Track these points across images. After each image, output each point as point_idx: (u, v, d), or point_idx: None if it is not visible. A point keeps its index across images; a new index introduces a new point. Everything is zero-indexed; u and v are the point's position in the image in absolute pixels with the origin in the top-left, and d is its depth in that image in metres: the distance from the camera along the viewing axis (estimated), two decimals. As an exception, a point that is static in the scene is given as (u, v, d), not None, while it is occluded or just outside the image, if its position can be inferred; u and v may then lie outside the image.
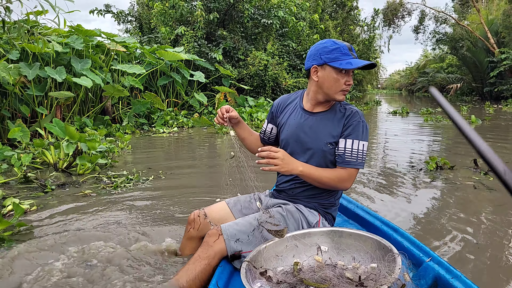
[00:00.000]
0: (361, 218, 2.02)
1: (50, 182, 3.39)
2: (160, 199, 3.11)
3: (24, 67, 5.46)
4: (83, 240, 2.21)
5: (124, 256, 1.91)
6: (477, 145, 0.50)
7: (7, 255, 2.00)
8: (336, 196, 1.77)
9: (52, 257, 2.00)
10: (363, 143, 1.63)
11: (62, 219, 2.64)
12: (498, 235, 2.37)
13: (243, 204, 1.87)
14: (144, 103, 8.15)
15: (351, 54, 1.62)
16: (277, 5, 12.70)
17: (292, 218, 1.67)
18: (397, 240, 1.66)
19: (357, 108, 1.71)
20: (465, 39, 23.25)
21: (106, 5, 15.32)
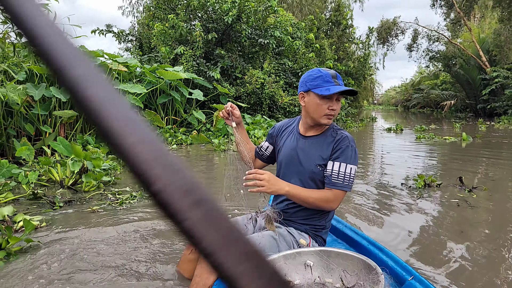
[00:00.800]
0: (349, 237, 2.09)
1: (58, 199, 3.57)
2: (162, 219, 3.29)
3: (30, 88, 5.70)
4: (90, 259, 2.40)
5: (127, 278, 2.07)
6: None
7: (10, 269, 2.19)
8: (327, 219, 1.82)
9: (58, 275, 2.17)
10: (351, 166, 1.68)
11: (71, 235, 2.82)
12: (479, 253, 2.52)
13: (241, 226, 1.95)
14: (144, 121, 8.36)
15: (333, 81, 1.71)
16: (273, 25, 13.11)
17: (284, 241, 1.72)
18: (382, 259, 1.74)
19: (348, 133, 1.78)
20: (458, 57, 23.78)
21: (107, 25, 15.73)
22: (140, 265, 2.28)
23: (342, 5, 28.63)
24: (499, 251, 2.54)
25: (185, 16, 12.48)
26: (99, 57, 7.93)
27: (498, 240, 2.74)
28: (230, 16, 11.66)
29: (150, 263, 2.31)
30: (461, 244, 2.68)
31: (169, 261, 2.35)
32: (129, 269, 2.22)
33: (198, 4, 12.23)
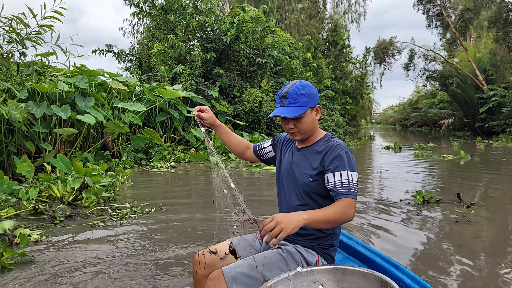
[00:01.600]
0: (362, 255, 2.02)
1: (59, 214, 3.64)
2: (163, 229, 3.37)
3: (32, 106, 5.80)
4: (89, 273, 2.42)
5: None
6: None
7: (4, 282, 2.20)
8: (333, 237, 1.76)
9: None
10: (351, 173, 1.61)
11: (70, 249, 2.87)
12: (480, 268, 2.53)
13: (246, 243, 1.88)
14: (143, 139, 8.44)
15: (280, 101, 1.72)
16: (271, 45, 13.38)
17: (293, 259, 1.68)
18: (398, 276, 1.67)
19: (340, 140, 1.73)
20: (455, 76, 24.10)
21: (108, 45, 15.99)
22: (139, 280, 2.29)
23: (339, 25, 29.26)
24: (499, 266, 2.56)
25: (184, 36, 12.73)
26: (100, 76, 8.05)
27: (498, 255, 2.77)
28: (228, 36, 11.91)
29: (149, 278, 2.32)
30: (460, 258, 2.72)
31: (170, 273, 2.36)
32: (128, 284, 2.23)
33: (197, 24, 12.51)
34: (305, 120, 1.70)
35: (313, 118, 1.74)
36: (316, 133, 1.79)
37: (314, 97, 1.72)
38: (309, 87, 1.71)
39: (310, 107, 1.70)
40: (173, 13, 13.20)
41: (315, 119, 1.75)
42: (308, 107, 1.69)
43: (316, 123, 1.76)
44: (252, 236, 1.91)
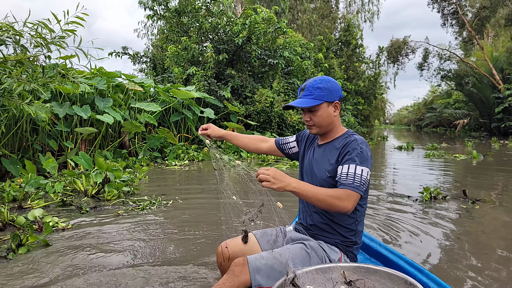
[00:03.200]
0: (384, 256, 1.98)
1: (85, 205, 3.98)
2: (182, 218, 3.69)
3: (56, 106, 6.14)
4: (115, 257, 2.68)
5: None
6: None
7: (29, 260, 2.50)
8: (356, 235, 1.76)
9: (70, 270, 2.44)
10: (361, 168, 1.60)
11: (97, 234, 3.18)
12: (486, 261, 2.64)
13: (270, 237, 1.91)
14: (158, 138, 8.74)
15: (300, 93, 1.77)
16: (282, 46, 13.56)
17: (316, 255, 1.69)
18: (422, 280, 1.62)
19: (359, 136, 1.73)
20: (470, 75, 23.78)
21: (123, 47, 16.43)
22: (164, 266, 2.53)
23: (351, 25, 29.19)
24: (500, 260, 2.71)
25: (197, 38, 13.02)
26: (117, 78, 8.39)
27: (498, 248, 2.91)
28: (240, 38, 12.15)
29: (174, 265, 2.55)
30: (466, 252, 2.85)
31: (191, 260, 2.58)
32: (152, 269, 2.47)
33: (210, 26, 12.78)
34: (319, 114, 1.72)
35: (330, 113, 1.74)
36: (337, 130, 1.80)
37: (332, 92, 1.72)
38: (328, 82, 1.73)
39: (326, 101, 1.71)
40: (186, 16, 13.50)
41: (332, 114, 1.75)
42: (323, 100, 1.70)
43: (334, 118, 1.76)
44: (275, 231, 1.95)
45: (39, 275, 2.31)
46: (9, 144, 6.11)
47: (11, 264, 2.50)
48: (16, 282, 2.21)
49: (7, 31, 4.66)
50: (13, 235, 2.78)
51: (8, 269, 2.41)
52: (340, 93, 1.76)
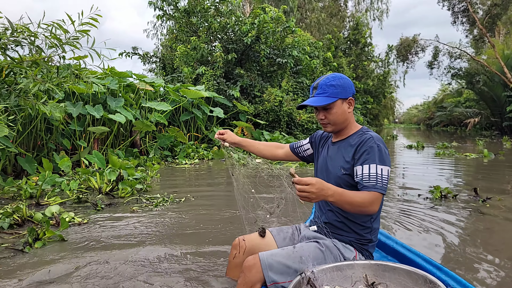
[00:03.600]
0: (401, 254, 1.95)
1: (100, 202, 4.10)
2: (194, 214, 3.79)
3: (69, 106, 6.27)
4: (130, 250, 2.75)
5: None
6: None
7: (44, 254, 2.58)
8: (371, 232, 1.74)
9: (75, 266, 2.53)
10: (381, 167, 1.57)
11: (114, 229, 3.28)
12: (498, 261, 2.62)
13: (286, 234, 1.92)
14: (168, 137, 8.84)
15: (312, 92, 1.76)
16: (291, 45, 13.59)
17: (331, 254, 1.67)
18: (441, 278, 1.58)
19: (375, 133, 1.70)
20: (481, 73, 23.51)
21: (133, 48, 16.64)
22: (177, 259, 2.60)
23: (360, 24, 29.06)
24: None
25: (206, 38, 13.12)
26: (129, 78, 8.51)
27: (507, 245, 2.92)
28: (249, 37, 12.21)
29: (186, 258, 2.62)
30: (478, 250, 2.87)
31: (206, 256, 2.65)
32: (164, 267, 2.54)
33: (219, 26, 12.87)
34: (334, 111, 1.71)
35: (344, 110, 1.73)
36: (351, 126, 1.78)
37: (346, 89, 1.71)
38: (341, 79, 1.71)
39: (340, 99, 1.70)
40: (195, 16, 13.62)
41: (347, 111, 1.74)
42: (337, 98, 1.69)
43: (348, 115, 1.75)
44: (291, 229, 1.95)
45: (53, 268, 2.39)
46: (24, 143, 6.26)
47: (26, 257, 2.60)
48: (30, 275, 2.28)
49: (22, 33, 4.78)
50: (30, 230, 2.87)
51: (23, 262, 2.50)
52: (353, 89, 1.75)
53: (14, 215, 3.33)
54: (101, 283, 2.16)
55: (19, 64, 4.84)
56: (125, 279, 2.20)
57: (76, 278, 2.24)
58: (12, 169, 5.98)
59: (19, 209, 3.43)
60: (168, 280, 2.18)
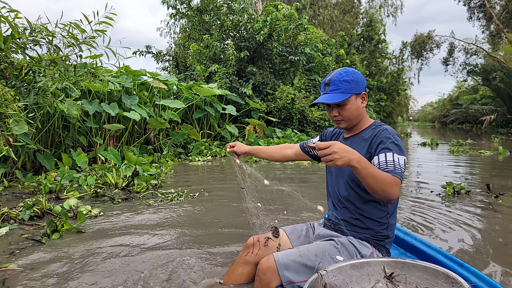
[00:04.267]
0: (421, 251, 1.90)
1: (117, 196, 4.25)
2: (208, 208, 3.91)
3: (86, 104, 6.44)
4: (146, 240, 2.86)
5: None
6: None
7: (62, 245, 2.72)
8: (388, 228, 1.71)
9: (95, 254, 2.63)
10: (398, 156, 1.53)
11: (131, 221, 3.41)
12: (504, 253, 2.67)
13: (300, 233, 1.91)
14: (182, 134, 8.96)
15: (324, 89, 1.71)
16: (303, 42, 13.57)
17: (346, 251, 1.65)
18: (463, 275, 1.54)
19: (389, 127, 1.67)
20: (498, 70, 23.07)
21: (147, 46, 16.85)
22: (191, 251, 2.68)
23: (374, 20, 28.75)
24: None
25: (218, 36, 13.21)
26: (143, 76, 8.66)
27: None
28: (261, 35, 12.25)
29: (200, 250, 2.70)
30: (492, 246, 2.87)
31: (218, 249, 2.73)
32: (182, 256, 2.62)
33: (231, 24, 12.94)
34: (349, 107, 1.68)
35: (358, 105, 1.70)
36: (364, 121, 1.75)
37: (359, 84, 1.68)
38: (353, 74, 1.68)
39: (354, 94, 1.67)
40: (208, 14, 13.72)
41: (361, 106, 1.71)
42: (351, 93, 1.66)
43: (362, 110, 1.72)
44: (306, 226, 1.94)
45: (69, 259, 2.49)
46: (43, 140, 6.45)
47: (44, 247, 2.71)
48: (46, 265, 2.39)
49: (40, 32, 4.93)
50: (49, 221, 3.00)
51: (40, 252, 2.61)
52: (365, 83, 1.72)
53: (34, 208, 3.47)
54: (116, 271, 2.25)
55: (38, 63, 4.99)
56: (140, 269, 2.28)
57: (91, 267, 2.33)
58: (31, 165, 6.17)
59: (38, 202, 3.57)
60: (181, 271, 2.26)
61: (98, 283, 2.12)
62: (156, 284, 2.09)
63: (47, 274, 2.27)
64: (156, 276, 2.19)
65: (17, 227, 3.21)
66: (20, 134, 5.54)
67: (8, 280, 2.18)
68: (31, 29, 4.82)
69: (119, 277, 2.19)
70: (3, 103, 4.42)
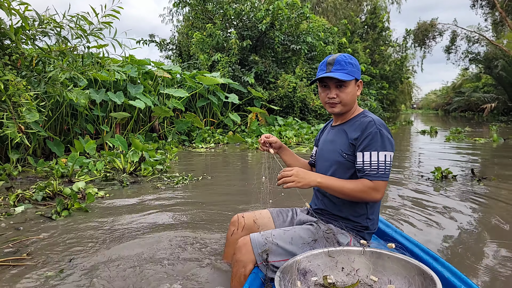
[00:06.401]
0: (399, 243, 1.92)
1: (126, 180, 4.53)
2: (212, 191, 4.24)
3: (93, 93, 6.69)
4: (155, 217, 3.15)
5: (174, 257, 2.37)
6: None
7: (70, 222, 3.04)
8: (368, 220, 1.71)
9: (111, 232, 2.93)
10: (384, 153, 1.54)
11: (141, 201, 3.72)
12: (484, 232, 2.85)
13: (285, 218, 1.93)
14: (185, 122, 9.22)
15: (326, 68, 1.65)
16: (305, 31, 13.67)
17: (324, 238, 1.66)
18: (437, 269, 1.58)
19: (377, 117, 1.66)
20: (500, 58, 23.02)
21: (150, 35, 16.98)
22: (195, 223, 2.97)
23: (378, 7, 28.56)
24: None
25: (221, 25, 13.33)
26: (147, 65, 8.88)
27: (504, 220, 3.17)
28: (264, 24, 12.36)
29: (202, 225, 2.98)
30: (470, 227, 3.11)
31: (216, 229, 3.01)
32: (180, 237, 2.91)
33: (234, 13, 13.04)
34: (349, 91, 1.66)
35: (355, 92, 1.70)
36: (354, 110, 1.75)
37: (359, 70, 1.70)
38: (355, 59, 1.70)
39: (355, 79, 1.68)
40: (211, 2, 13.81)
41: (356, 93, 1.71)
42: (354, 77, 1.66)
43: (356, 98, 1.72)
44: (291, 212, 1.96)
45: (75, 232, 2.79)
46: (52, 127, 6.72)
47: (54, 223, 3.03)
48: (55, 237, 2.71)
49: (48, 24, 5.15)
50: (59, 201, 3.30)
51: (51, 228, 2.92)
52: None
53: (46, 190, 3.77)
54: (122, 246, 2.52)
55: (47, 54, 5.22)
56: (146, 245, 2.53)
57: (97, 242, 2.61)
58: (41, 152, 6.46)
59: (50, 184, 3.87)
60: (188, 246, 2.53)
61: (101, 253, 2.39)
62: (160, 259, 2.35)
63: (55, 243, 2.59)
64: (161, 251, 2.43)
65: (31, 206, 3.51)
66: (31, 122, 5.81)
67: (23, 249, 2.50)
68: (40, 20, 5.04)
69: (125, 250, 2.44)
70: (16, 93, 4.67)
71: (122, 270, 2.14)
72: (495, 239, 2.67)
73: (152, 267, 2.19)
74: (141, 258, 2.32)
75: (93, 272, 2.13)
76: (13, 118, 4.62)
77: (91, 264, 2.22)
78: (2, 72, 4.57)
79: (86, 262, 2.26)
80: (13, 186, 4.24)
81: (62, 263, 2.27)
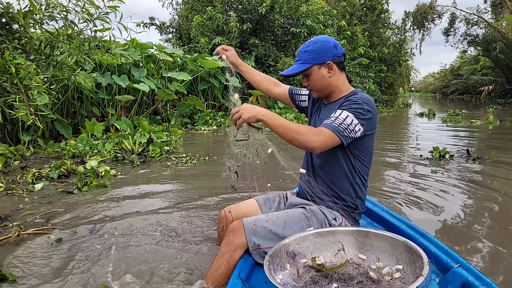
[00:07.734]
0: (387, 221, 1.99)
1: (136, 160, 4.76)
2: (217, 169, 4.44)
3: (98, 76, 6.84)
4: (165, 194, 3.41)
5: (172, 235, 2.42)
6: None
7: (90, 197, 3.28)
8: (358, 199, 1.74)
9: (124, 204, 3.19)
10: (347, 113, 1.53)
11: (153, 178, 3.99)
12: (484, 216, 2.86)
13: (272, 204, 1.92)
14: (188, 105, 9.39)
15: (299, 59, 1.70)
16: (305, 14, 13.69)
17: (316, 219, 1.67)
18: (424, 244, 1.61)
19: (366, 95, 1.66)
20: (498, 40, 23.04)
21: (150, 18, 16.93)
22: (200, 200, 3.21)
23: (377, -11, 28.29)
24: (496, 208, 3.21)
25: (221, 8, 13.33)
26: (150, 49, 8.99)
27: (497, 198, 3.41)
28: (263, 7, 12.39)
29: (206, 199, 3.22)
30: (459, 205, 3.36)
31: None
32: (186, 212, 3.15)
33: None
34: (312, 77, 1.69)
35: (323, 74, 1.67)
36: (341, 90, 1.73)
37: (321, 53, 1.65)
38: (316, 43, 1.66)
39: (316, 64, 1.66)
40: (211, -15, 13.76)
41: (327, 75, 1.68)
42: (311, 64, 1.65)
43: (330, 80, 1.69)
44: (278, 197, 1.96)
45: (96, 207, 2.99)
46: (59, 110, 6.89)
47: (76, 198, 3.27)
48: (78, 208, 2.94)
49: (55, 8, 5.27)
50: (79, 177, 3.54)
51: (74, 202, 3.16)
52: (333, 51, 1.67)
53: (61, 168, 3.99)
54: (139, 214, 2.76)
55: (56, 38, 5.34)
56: (159, 218, 2.71)
57: (116, 210, 2.87)
58: (49, 134, 6.65)
59: (64, 163, 4.09)
60: (193, 224, 2.77)
61: (123, 222, 2.61)
62: (175, 227, 2.59)
63: (81, 213, 2.84)
64: (172, 222, 2.63)
65: (49, 183, 3.73)
66: (41, 105, 5.97)
67: (51, 218, 2.75)
68: (47, 4, 5.15)
69: (141, 221, 2.63)
70: (27, 76, 4.82)
71: (141, 238, 2.34)
72: (487, 216, 2.77)
73: (167, 233, 2.42)
74: (157, 227, 2.54)
75: (117, 238, 2.34)
76: (24, 101, 4.80)
77: (113, 233, 2.44)
78: (12, 55, 4.72)
79: (110, 229, 2.49)
80: (28, 166, 4.45)
81: (87, 231, 2.48)
